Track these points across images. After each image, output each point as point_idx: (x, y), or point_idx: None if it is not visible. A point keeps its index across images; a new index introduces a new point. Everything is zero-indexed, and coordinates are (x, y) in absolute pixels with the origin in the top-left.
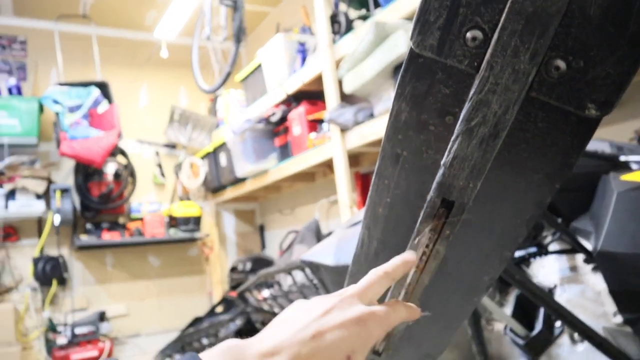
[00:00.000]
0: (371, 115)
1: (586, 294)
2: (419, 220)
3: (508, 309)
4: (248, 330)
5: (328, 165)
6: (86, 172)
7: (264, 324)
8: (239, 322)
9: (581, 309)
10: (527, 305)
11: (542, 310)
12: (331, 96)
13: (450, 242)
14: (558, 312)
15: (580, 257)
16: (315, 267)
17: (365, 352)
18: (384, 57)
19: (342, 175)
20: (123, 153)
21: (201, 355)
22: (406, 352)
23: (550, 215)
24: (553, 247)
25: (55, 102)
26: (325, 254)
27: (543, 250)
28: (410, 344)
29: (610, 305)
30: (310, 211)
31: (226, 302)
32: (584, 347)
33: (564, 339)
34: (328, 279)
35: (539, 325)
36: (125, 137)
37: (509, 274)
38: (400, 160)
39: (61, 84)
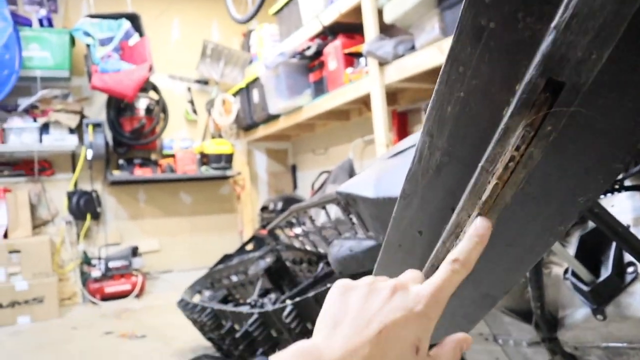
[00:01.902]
0: (412, 48)
1: None
2: (507, 113)
3: (570, 250)
4: (278, 268)
5: (364, 103)
6: (118, 107)
7: (294, 262)
8: (268, 260)
9: None
10: (592, 247)
11: (611, 253)
12: (370, 27)
13: (550, 143)
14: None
15: None
16: (352, 200)
17: (429, 336)
18: None
19: (379, 112)
20: (155, 88)
21: (271, 358)
22: (463, 289)
23: None
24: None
25: (87, 34)
26: (365, 185)
27: (617, 186)
28: (468, 279)
29: None
30: (344, 151)
31: (256, 240)
32: None
33: (638, 287)
34: (366, 213)
35: (607, 270)
36: (156, 72)
37: None
38: (485, 35)
39: (92, 16)
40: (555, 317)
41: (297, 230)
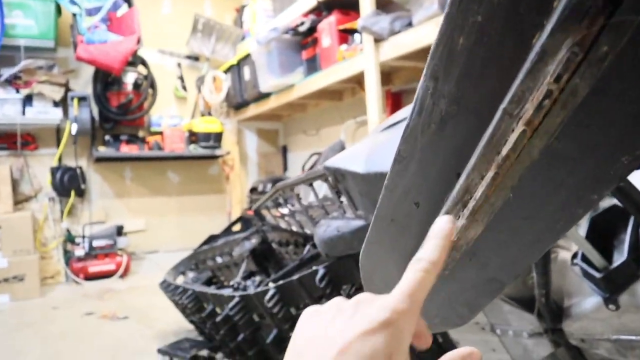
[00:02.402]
0: (409, 24)
1: None
2: (546, 31)
3: (579, 232)
4: (263, 250)
5: (358, 82)
6: (105, 80)
7: (281, 243)
8: (254, 241)
9: None
10: (605, 230)
11: (627, 237)
12: (366, 2)
13: (604, 72)
14: None
15: None
16: (341, 175)
17: (405, 348)
18: None
19: (373, 91)
20: (143, 63)
21: None
22: (463, 271)
23: None
24: None
25: (73, 2)
26: (354, 159)
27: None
28: (471, 260)
29: None
30: (336, 132)
31: (243, 220)
32: None
33: None
34: (356, 190)
35: (621, 255)
36: (145, 46)
37: None
38: None
39: None
40: (561, 307)
41: (284, 210)
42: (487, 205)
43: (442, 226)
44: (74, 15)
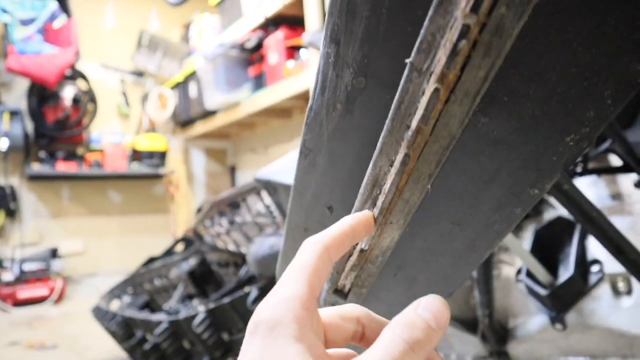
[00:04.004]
0: None
1: (638, 228)
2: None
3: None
4: (202, 271)
5: (305, 100)
6: (41, 95)
7: (220, 264)
8: (192, 262)
9: None
10: (550, 243)
11: (573, 250)
12: (313, 17)
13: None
14: (617, 243)
15: (626, 181)
16: (272, 188)
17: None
18: None
19: None
20: (84, 77)
21: None
22: (389, 290)
23: None
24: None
25: (4, 11)
26: (286, 170)
27: (580, 169)
28: (397, 276)
29: None
30: (285, 151)
31: (186, 241)
32: (632, 301)
33: (604, 290)
34: (287, 202)
35: (567, 270)
36: (87, 60)
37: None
38: None
39: None
40: (505, 328)
41: (220, 228)
42: (401, 202)
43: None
44: (6, 24)
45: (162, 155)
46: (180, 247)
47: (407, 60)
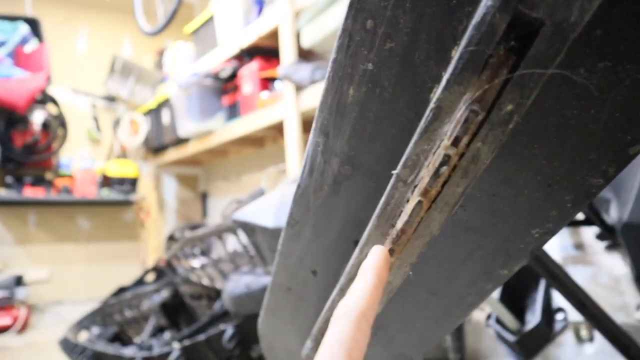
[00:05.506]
0: None
1: (599, 279)
2: (441, 86)
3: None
4: (175, 303)
5: (279, 130)
6: (10, 119)
7: (193, 297)
8: (164, 294)
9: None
10: (517, 290)
11: (539, 297)
12: (287, 51)
13: (510, 135)
14: (579, 298)
15: (588, 232)
16: (250, 229)
17: None
18: None
19: (294, 139)
20: (54, 101)
21: None
22: (368, 347)
23: None
24: None
25: None
26: (264, 212)
27: None
28: (376, 335)
29: (632, 296)
30: (257, 179)
31: (157, 271)
32: (594, 348)
33: (567, 337)
34: (265, 244)
35: (534, 316)
36: (58, 84)
37: None
38: None
39: None
40: None
41: (195, 262)
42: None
43: (374, 258)
44: None
45: (133, 182)
46: (150, 277)
47: (394, 172)
